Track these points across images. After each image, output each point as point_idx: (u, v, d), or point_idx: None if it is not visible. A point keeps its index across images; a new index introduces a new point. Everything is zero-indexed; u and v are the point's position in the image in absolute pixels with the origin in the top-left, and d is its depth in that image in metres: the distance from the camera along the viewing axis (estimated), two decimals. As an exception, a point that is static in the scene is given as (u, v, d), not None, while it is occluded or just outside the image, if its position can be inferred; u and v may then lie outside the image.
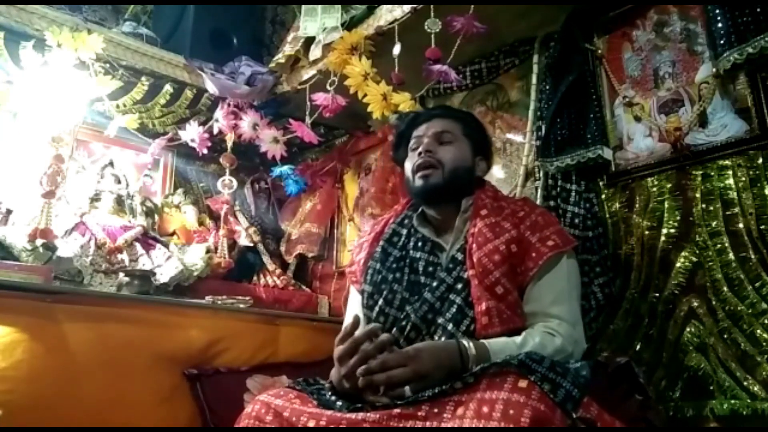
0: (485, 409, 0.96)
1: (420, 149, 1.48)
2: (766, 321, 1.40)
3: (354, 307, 1.57)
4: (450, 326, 1.31)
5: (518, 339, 1.27)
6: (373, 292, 1.46)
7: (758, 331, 1.40)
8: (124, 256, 2.27)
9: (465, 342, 1.22)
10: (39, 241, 1.99)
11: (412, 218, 1.54)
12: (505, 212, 1.43)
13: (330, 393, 1.29)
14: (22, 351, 1.58)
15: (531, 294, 1.35)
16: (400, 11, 1.91)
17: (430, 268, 1.43)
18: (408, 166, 1.52)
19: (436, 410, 1.03)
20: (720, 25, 1.50)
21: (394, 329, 1.38)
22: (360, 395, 1.19)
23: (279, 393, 1.26)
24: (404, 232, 1.53)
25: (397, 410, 1.06)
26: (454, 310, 1.33)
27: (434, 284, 1.38)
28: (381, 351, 1.18)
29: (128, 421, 1.69)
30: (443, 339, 1.31)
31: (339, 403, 1.21)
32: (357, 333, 1.23)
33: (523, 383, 0.99)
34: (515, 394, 0.97)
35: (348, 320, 1.54)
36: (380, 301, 1.43)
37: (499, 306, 1.29)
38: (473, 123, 1.61)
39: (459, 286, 1.35)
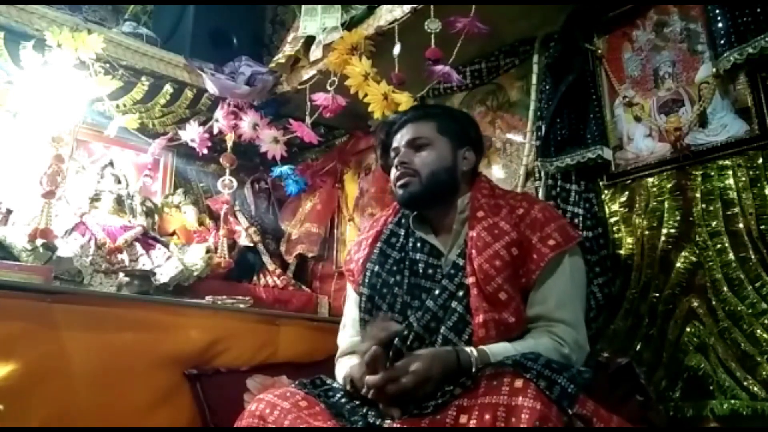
0: (487, 417, 0.97)
1: (396, 161, 1.47)
2: (766, 321, 1.40)
3: (351, 306, 1.55)
4: (451, 335, 1.28)
5: (519, 345, 1.24)
6: (372, 295, 1.43)
7: (758, 331, 1.40)
8: (124, 256, 2.26)
9: (463, 347, 1.22)
10: (39, 241, 1.99)
11: (408, 218, 1.50)
12: (503, 211, 1.38)
13: (340, 395, 1.28)
14: (22, 350, 1.58)
15: (535, 297, 1.32)
16: (400, 11, 1.91)
17: (430, 271, 1.40)
18: (391, 177, 1.51)
19: (438, 417, 1.04)
20: (720, 25, 1.50)
21: (397, 338, 1.36)
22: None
23: (285, 394, 1.24)
24: (402, 232, 1.50)
25: (396, 424, 1.08)
26: (456, 318, 1.30)
27: (436, 291, 1.34)
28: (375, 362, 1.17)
29: (128, 421, 1.69)
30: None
31: (348, 406, 1.22)
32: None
33: (518, 383, 0.99)
34: (513, 397, 0.97)
35: (347, 317, 1.56)
36: (384, 306, 1.40)
37: (496, 318, 1.26)
38: (449, 117, 1.55)
39: (461, 293, 1.32)
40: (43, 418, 1.54)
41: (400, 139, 1.49)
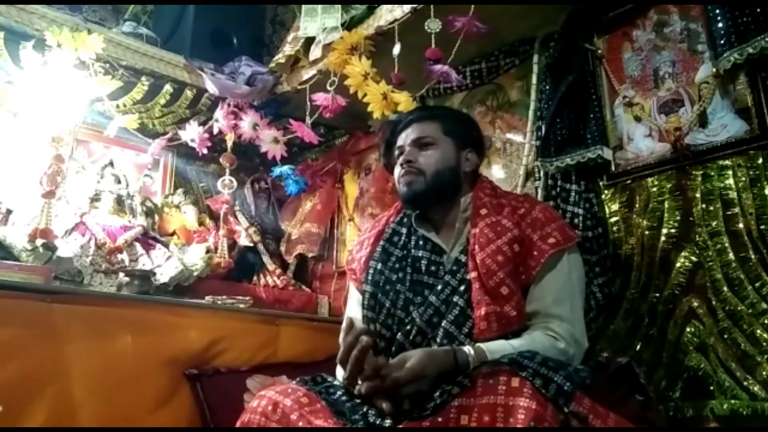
0: (487, 419, 0.98)
1: (401, 160, 1.49)
2: (766, 321, 1.40)
3: (353, 305, 1.56)
4: (452, 328, 1.31)
5: (516, 342, 1.26)
6: (375, 292, 1.44)
7: (758, 331, 1.40)
8: (124, 256, 2.27)
9: (461, 347, 1.23)
10: (39, 241, 1.99)
11: (410, 217, 1.52)
12: (505, 210, 1.41)
13: (341, 392, 1.29)
14: (22, 351, 1.57)
15: (533, 293, 1.34)
16: (400, 11, 1.91)
17: (433, 267, 1.42)
18: (395, 175, 1.53)
19: (440, 419, 1.05)
20: (720, 25, 1.50)
21: (399, 333, 1.38)
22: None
23: (287, 391, 1.25)
24: (404, 231, 1.52)
25: (399, 426, 1.09)
26: (457, 312, 1.32)
27: (439, 287, 1.37)
28: (363, 354, 1.20)
29: (128, 421, 1.69)
30: (444, 342, 1.30)
31: (348, 404, 1.22)
32: (348, 338, 1.24)
33: (515, 382, 1.00)
34: (510, 397, 0.98)
35: (347, 318, 1.56)
36: (387, 303, 1.42)
37: (498, 311, 1.28)
38: (454, 118, 1.58)
39: (462, 288, 1.34)
40: (42, 418, 1.53)
41: (405, 138, 1.52)
